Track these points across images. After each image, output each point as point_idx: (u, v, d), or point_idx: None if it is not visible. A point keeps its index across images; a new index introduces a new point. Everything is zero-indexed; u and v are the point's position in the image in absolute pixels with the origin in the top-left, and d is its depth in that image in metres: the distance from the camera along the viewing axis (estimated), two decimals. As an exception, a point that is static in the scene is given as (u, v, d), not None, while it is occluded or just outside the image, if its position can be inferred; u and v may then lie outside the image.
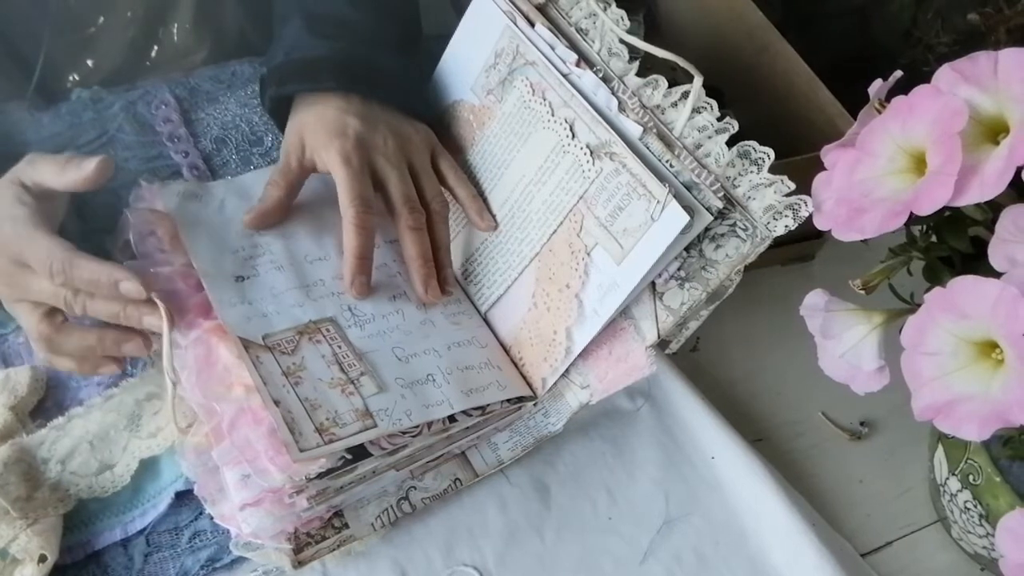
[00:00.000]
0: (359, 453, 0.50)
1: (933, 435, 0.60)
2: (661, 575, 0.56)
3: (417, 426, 0.53)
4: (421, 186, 0.61)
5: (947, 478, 0.57)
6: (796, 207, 0.50)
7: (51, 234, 0.53)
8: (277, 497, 0.49)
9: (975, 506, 0.54)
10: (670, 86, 0.56)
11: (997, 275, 0.41)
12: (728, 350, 0.69)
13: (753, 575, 0.56)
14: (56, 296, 0.53)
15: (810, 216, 0.50)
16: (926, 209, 0.42)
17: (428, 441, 0.53)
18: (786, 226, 0.51)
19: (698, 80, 0.54)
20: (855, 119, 0.49)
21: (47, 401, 0.58)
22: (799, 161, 0.57)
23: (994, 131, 0.43)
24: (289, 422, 0.49)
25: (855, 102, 0.51)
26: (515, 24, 0.61)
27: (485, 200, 0.63)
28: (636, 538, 0.57)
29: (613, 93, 0.57)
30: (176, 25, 0.73)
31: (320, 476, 0.49)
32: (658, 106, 0.56)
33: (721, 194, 0.52)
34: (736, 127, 0.53)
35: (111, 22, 0.70)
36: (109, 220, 0.60)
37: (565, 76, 0.58)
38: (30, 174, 0.55)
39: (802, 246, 0.74)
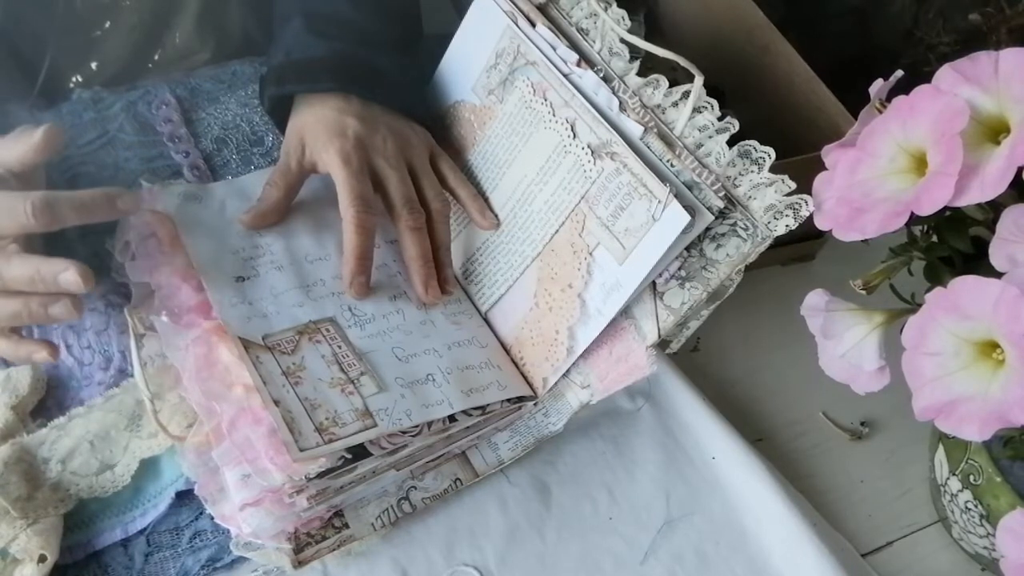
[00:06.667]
0: (359, 453, 0.50)
1: (934, 435, 0.60)
2: (662, 575, 0.56)
3: (417, 426, 0.53)
4: (421, 186, 0.61)
5: (948, 478, 0.57)
6: (797, 207, 0.50)
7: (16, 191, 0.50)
8: (277, 497, 0.49)
9: (976, 506, 0.54)
10: (671, 86, 0.56)
11: (998, 275, 0.41)
12: (729, 350, 0.69)
13: (754, 575, 0.56)
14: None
15: (811, 216, 0.49)
16: (927, 209, 0.42)
17: (428, 441, 0.53)
18: (787, 226, 0.51)
19: (699, 80, 0.54)
20: (856, 119, 0.49)
21: (48, 401, 0.58)
22: (800, 161, 0.57)
23: (995, 131, 0.43)
24: (289, 422, 0.49)
25: (856, 102, 0.51)
26: (516, 24, 0.61)
27: (486, 200, 0.63)
28: (637, 538, 0.57)
29: (614, 93, 0.57)
30: (179, 28, 0.73)
31: (320, 476, 0.49)
32: (659, 106, 0.56)
33: (722, 194, 0.52)
34: (737, 127, 0.53)
35: (117, 26, 0.70)
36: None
37: (566, 76, 0.58)
38: None
39: (803, 246, 0.74)
